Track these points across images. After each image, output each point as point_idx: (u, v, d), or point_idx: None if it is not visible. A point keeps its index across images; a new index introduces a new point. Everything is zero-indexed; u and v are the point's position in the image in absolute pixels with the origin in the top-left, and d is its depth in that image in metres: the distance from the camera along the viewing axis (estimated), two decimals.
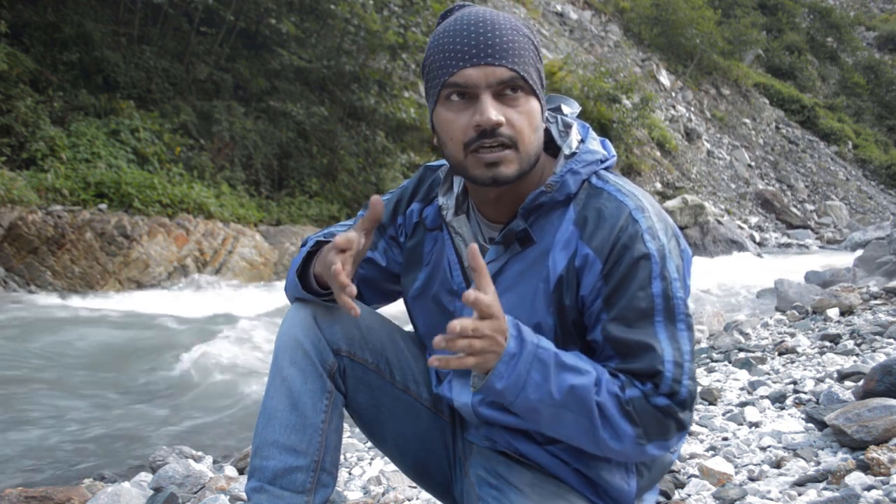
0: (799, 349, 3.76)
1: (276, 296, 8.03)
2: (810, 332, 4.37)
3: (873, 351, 3.45)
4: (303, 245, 1.51)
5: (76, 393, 4.45)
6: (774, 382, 3.09)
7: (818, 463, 2.01)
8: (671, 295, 1.17)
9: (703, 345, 4.59)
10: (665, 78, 25.78)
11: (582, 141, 1.30)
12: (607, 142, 1.34)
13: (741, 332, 4.65)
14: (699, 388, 3.08)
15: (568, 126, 1.33)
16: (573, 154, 1.27)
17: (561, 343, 1.23)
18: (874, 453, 1.82)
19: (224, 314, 6.89)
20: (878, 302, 5.03)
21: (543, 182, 1.27)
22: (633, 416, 1.15)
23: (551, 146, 1.33)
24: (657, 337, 1.16)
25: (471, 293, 1.06)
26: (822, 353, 3.59)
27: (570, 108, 1.37)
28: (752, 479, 1.98)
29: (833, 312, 4.79)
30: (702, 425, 2.57)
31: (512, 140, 1.18)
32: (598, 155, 1.28)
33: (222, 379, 4.82)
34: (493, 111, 1.16)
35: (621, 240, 1.18)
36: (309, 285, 1.36)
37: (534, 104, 1.21)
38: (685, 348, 1.17)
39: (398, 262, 1.47)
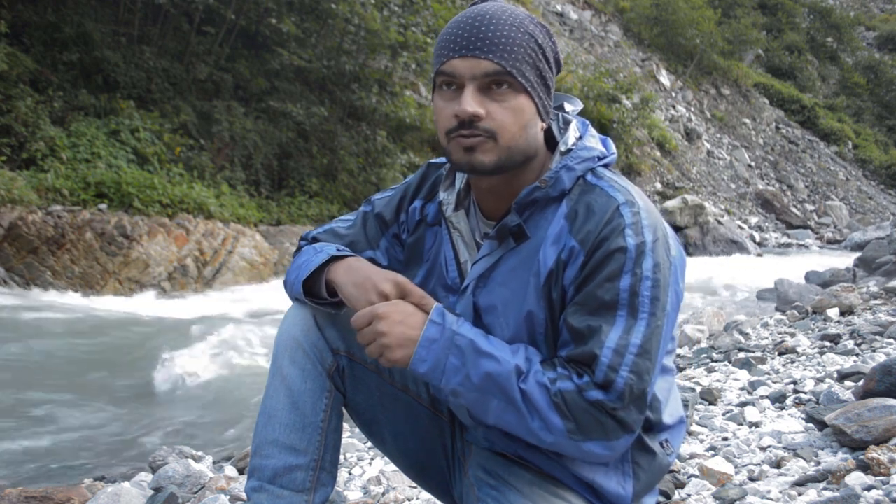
0: (799, 349, 3.76)
1: (275, 296, 8.03)
2: (810, 332, 4.37)
3: (873, 351, 3.45)
4: (302, 240, 1.51)
5: (76, 393, 4.45)
6: (774, 382, 3.09)
7: (818, 463, 2.01)
8: (638, 292, 1.16)
9: (703, 345, 4.59)
10: (665, 78, 25.78)
11: (580, 137, 1.30)
12: (608, 140, 1.34)
13: (741, 332, 4.65)
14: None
15: (567, 123, 1.33)
16: (569, 150, 1.27)
17: (551, 337, 1.23)
18: (874, 453, 1.82)
19: (224, 314, 6.89)
20: (878, 302, 5.03)
21: (540, 178, 1.27)
22: (562, 409, 1.14)
23: (553, 143, 1.33)
24: (610, 326, 1.15)
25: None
26: (822, 353, 3.59)
27: (573, 106, 1.37)
28: (752, 479, 1.98)
29: (833, 312, 4.79)
30: (702, 425, 2.57)
31: (490, 132, 1.19)
32: (594, 151, 1.28)
33: (222, 379, 4.82)
34: (471, 103, 1.17)
35: (603, 232, 1.18)
36: (315, 291, 1.36)
37: (522, 101, 1.20)
38: (635, 341, 1.15)
39: (399, 259, 1.47)
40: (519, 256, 1.27)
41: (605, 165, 1.29)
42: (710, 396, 2.94)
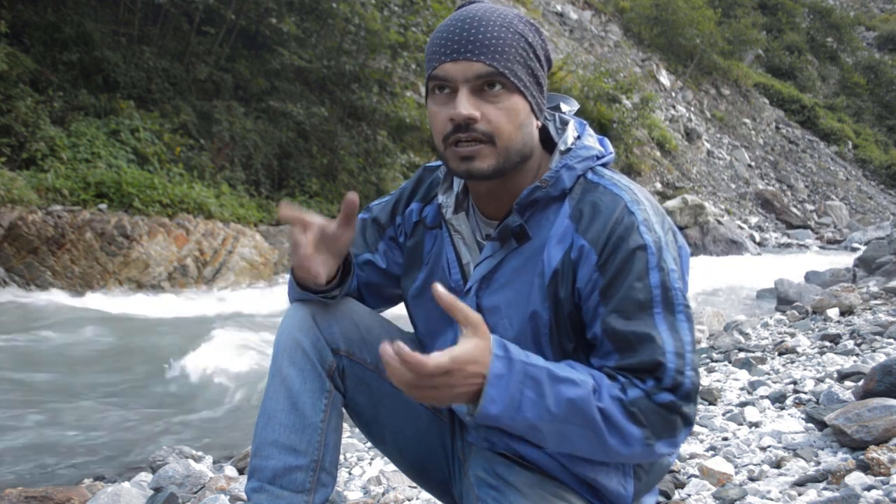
0: (799, 349, 3.77)
1: (275, 296, 8.03)
2: (810, 332, 4.37)
3: (873, 351, 3.45)
4: None
5: (76, 393, 4.45)
6: (774, 382, 3.09)
7: (818, 463, 2.01)
8: (669, 286, 1.15)
9: (704, 345, 4.59)
10: (665, 78, 25.78)
11: (578, 137, 1.30)
12: (605, 139, 1.34)
13: (741, 332, 4.65)
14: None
15: (565, 123, 1.33)
16: (568, 150, 1.27)
17: (556, 338, 1.23)
18: (874, 453, 1.82)
19: (224, 314, 6.89)
20: (878, 302, 5.04)
21: (539, 178, 1.27)
22: (638, 418, 1.12)
23: (550, 144, 1.33)
24: (657, 328, 1.14)
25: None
26: (822, 353, 3.59)
27: (569, 107, 1.37)
28: (752, 479, 1.98)
29: (833, 312, 4.80)
30: (702, 425, 2.57)
31: (487, 135, 1.18)
32: (593, 151, 1.28)
33: (222, 379, 4.82)
34: (465, 106, 1.17)
35: (617, 231, 1.17)
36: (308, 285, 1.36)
37: (516, 101, 1.20)
38: (686, 339, 1.15)
39: (398, 262, 1.48)
40: (521, 257, 1.26)
41: (604, 165, 1.29)
42: (710, 396, 2.94)
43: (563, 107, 1.37)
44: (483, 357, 1.07)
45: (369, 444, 2.91)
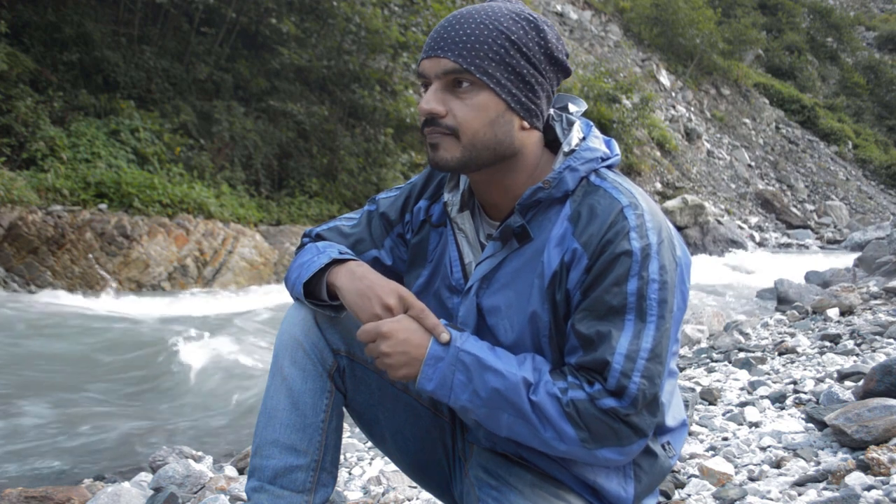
0: (799, 349, 3.77)
1: (275, 296, 8.04)
2: (810, 332, 4.37)
3: (873, 351, 3.45)
4: (305, 236, 1.50)
5: (76, 393, 4.45)
6: (774, 382, 3.10)
7: (818, 463, 2.01)
8: (645, 295, 1.15)
9: (703, 345, 4.59)
10: (665, 78, 25.77)
11: (583, 138, 1.29)
12: (612, 141, 1.33)
13: (741, 332, 4.65)
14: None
15: (571, 124, 1.33)
16: (572, 151, 1.27)
17: (555, 339, 1.23)
18: (874, 453, 1.82)
19: (224, 314, 6.90)
20: (878, 302, 5.04)
21: (542, 179, 1.27)
22: (574, 419, 1.14)
23: (556, 144, 1.33)
24: (620, 332, 1.15)
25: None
26: (822, 353, 3.59)
27: (577, 107, 1.37)
28: (752, 479, 1.98)
29: (833, 312, 4.80)
30: (702, 425, 2.57)
31: (451, 129, 1.21)
32: (598, 153, 1.27)
33: (222, 379, 4.82)
34: (429, 101, 1.21)
35: (607, 235, 1.18)
36: (316, 293, 1.36)
37: (485, 98, 1.20)
38: (645, 346, 1.15)
39: (403, 259, 1.47)
40: (523, 258, 1.26)
41: (609, 167, 1.29)
42: (710, 396, 2.95)
43: (571, 107, 1.36)
44: (426, 340, 1.20)
45: (369, 444, 2.91)
